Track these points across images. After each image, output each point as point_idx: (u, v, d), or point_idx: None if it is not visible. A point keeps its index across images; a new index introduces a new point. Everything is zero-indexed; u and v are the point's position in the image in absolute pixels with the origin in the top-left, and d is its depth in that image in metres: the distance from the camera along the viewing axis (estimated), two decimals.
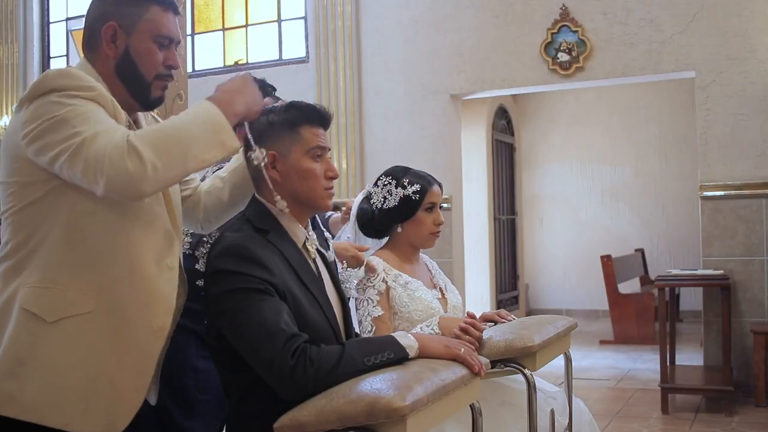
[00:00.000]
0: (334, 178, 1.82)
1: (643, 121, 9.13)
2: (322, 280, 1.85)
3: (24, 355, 1.55)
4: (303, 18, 6.86)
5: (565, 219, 9.54)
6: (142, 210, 1.65)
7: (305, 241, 1.84)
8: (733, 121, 5.23)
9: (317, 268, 1.85)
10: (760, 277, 5.12)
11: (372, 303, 2.24)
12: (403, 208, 2.34)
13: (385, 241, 2.44)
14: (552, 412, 2.11)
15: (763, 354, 4.78)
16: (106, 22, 1.68)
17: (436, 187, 2.39)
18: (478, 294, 7.99)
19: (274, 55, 7.02)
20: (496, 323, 2.21)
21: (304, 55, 6.82)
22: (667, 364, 4.90)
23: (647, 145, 9.13)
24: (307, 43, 6.78)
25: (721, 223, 5.22)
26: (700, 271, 5.13)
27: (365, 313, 2.24)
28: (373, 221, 2.39)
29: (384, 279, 2.27)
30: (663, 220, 9.10)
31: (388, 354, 1.63)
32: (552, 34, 5.76)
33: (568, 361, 2.39)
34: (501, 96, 8.09)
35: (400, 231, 2.37)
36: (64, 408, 1.56)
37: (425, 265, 2.49)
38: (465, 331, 2.01)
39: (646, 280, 8.60)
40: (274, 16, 7.06)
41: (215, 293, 1.66)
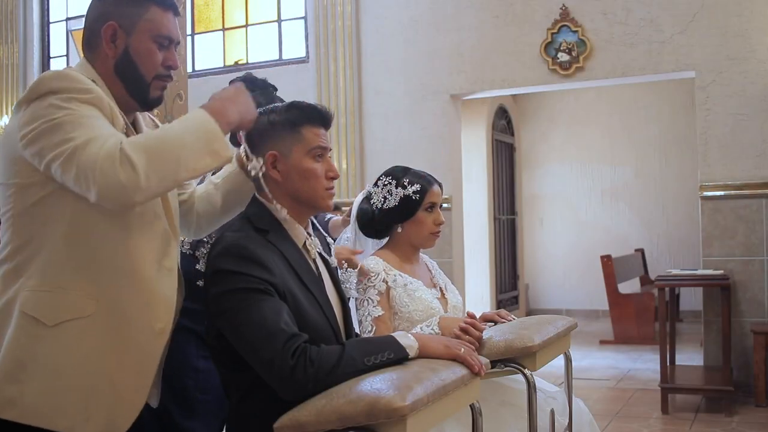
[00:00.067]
0: (334, 178, 1.82)
1: (643, 121, 9.13)
2: (322, 280, 1.85)
3: (25, 359, 1.55)
4: (303, 18, 6.86)
5: (565, 219, 9.54)
6: (142, 212, 1.65)
7: (305, 241, 1.84)
8: (733, 121, 5.23)
9: (317, 268, 1.85)
10: (760, 277, 5.12)
11: (372, 303, 2.24)
12: (404, 208, 2.34)
13: (385, 241, 2.44)
14: (552, 412, 2.11)
15: (763, 354, 4.78)
16: (106, 21, 1.69)
17: (436, 187, 2.39)
18: (478, 294, 7.99)
19: (274, 55, 7.02)
20: (496, 323, 2.21)
21: (304, 55, 6.82)
22: (667, 364, 4.90)
23: (647, 145, 9.13)
24: (307, 43, 6.78)
25: (721, 223, 5.22)
26: (700, 271, 5.13)
27: (365, 313, 2.24)
28: (374, 221, 2.39)
29: (384, 279, 2.27)
30: (663, 220, 9.10)
31: (388, 354, 1.63)
32: (552, 34, 5.76)
33: (568, 361, 2.38)
34: (501, 96, 8.09)
35: (401, 231, 2.37)
36: (65, 411, 1.56)
37: (425, 265, 2.49)
38: (465, 331, 2.01)
39: (646, 280, 8.60)
40: (274, 16, 7.06)
41: (215, 293, 1.66)
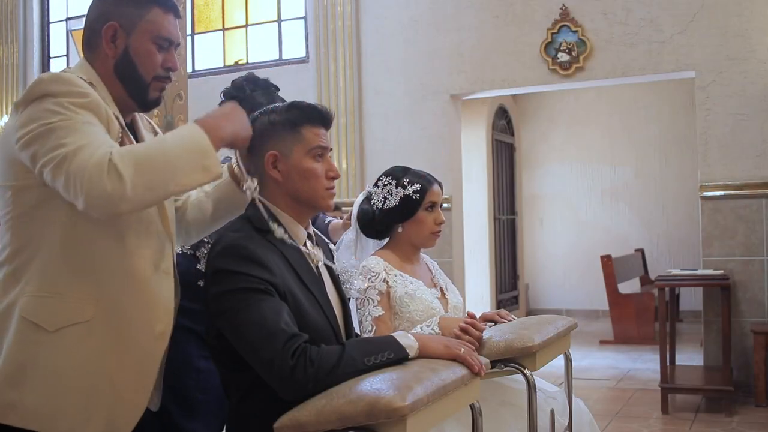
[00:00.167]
0: (335, 178, 1.82)
1: (643, 121, 9.13)
2: (322, 280, 1.85)
3: (25, 363, 1.55)
4: (303, 18, 6.87)
5: (565, 219, 9.55)
6: (139, 216, 1.65)
7: (306, 242, 1.84)
8: (733, 121, 5.23)
9: (317, 268, 1.85)
10: (760, 277, 5.12)
11: (372, 303, 2.24)
12: (404, 207, 2.34)
13: (386, 241, 2.44)
14: (552, 412, 2.11)
15: (763, 354, 4.79)
16: (106, 21, 1.69)
17: (436, 187, 2.39)
18: (478, 294, 7.99)
19: (274, 55, 7.02)
20: (496, 323, 2.21)
21: (304, 55, 6.82)
22: (667, 364, 4.90)
23: (647, 145, 9.13)
24: (307, 43, 6.78)
25: (721, 223, 5.22)
26: (700, 271, 5.13)
27: (366, 313, 2.24)
28: (374, 221, 2.39)
29: (385, 279, 2.27)
30: (663, 220, 9.10)
31: (388, 354, 1.63)
32: (552, 34, 5.76)
33: (568, 361, 2.38)
34: (501, 96, 8.09)
35: (401, 231, 2.37)
36: (66, 415, 1.56)
37: (426, 265, 2.49)
38: (465, 331, 2.01)
39: (646, 280, 8.60)
40: (274, 16, 7.06)
41: (215, 293, 1.66)
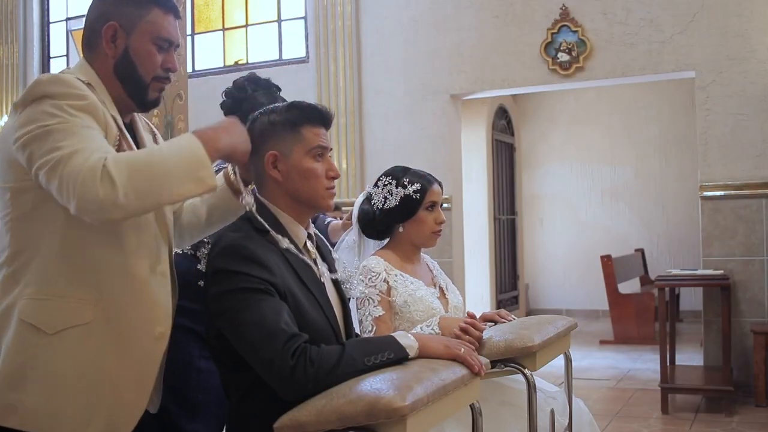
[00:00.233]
0: (335, 177, 1.82)
1: (643, 121, 9.13)
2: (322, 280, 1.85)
3: (25, 366, 1.55)
4: (303, 18, 6.87)
5: (565, 219, 9.55)
6: (136, 219, 1.64)
7: (306, 242, 1.84)
8: (733, 121, 5.23)
9: (317, 268, 1.85)
10: (760, 277, 5.12)
11: (373, 303, 2.24)
12: (404, 207, 2.34)
13: (386, 241, 2.44)
14: (552, 412, 2.11)
15: (763, 354, 4.79)
16: (107, 21, 1.69)
17: (436, 186, 2.39)
18: (478, 294, 7.99)
19: (274, 55, 7.02)
20: (496, 323, 2.21)
21: (304, 55, 6.82)
22: (667, 364, 4.90)
23: (647, 145, 9.13)
24: (307, 43, 6.78)
25: (721, 223, 5.22)
26: (700, 271, 5.13)
27: (366, 313, 2.24)
28: (375, 221, 2.39)
29: (385, 279, 2.27)
30: (663, 220, 9.10)
31: (388, 354, 1.63)
32: (552, 34, 5.76)
33: (568, 361, 2.38)
34: (501, 96, 8.09)
35: (402, 231, 2.37)
36: (66, 417, 1.56)
37: (426, 264, 2.49)
38: (465, 331, 2.01)
39: (646, 280, 8.60)
40: (274, 16, 7.06)
41: (215, 293, 1.66)
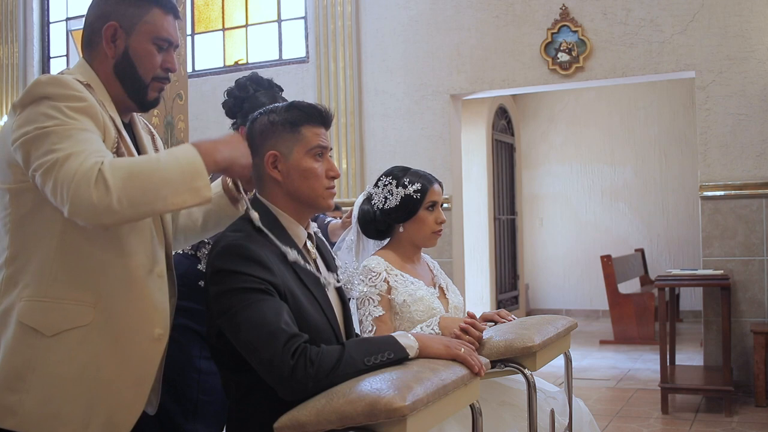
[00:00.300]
0: (335, 177, 1.81)
1: (643, 121, 9.14)
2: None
3: (24, 368, 1.55)
4: (303, 18, 6.87)
5: (565, 219, 9.55)
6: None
7: (306, 242, 1.84)
8: (733, 121, 5.24)
9: (317, 269, 1.85)
10: (760, 277, 5.12)
11: (373, 303, 2.24)
12: (405, 207, 2.34)
13: (386, 241, 2.44)
14: (552, 412, 2.11)
15: (763, 354, 4.79)
16: (107, 21, 1.69)
17: (436, 186, 2.39)
18: (478, 294, 7.99)
19: (274, 55, 7.02)
20: (496, 323, 2.21)
21: (304, 55, 6.82)
22: (667, 364, 4.90)
23: (647, 145, 9.13)
24: (307, 43, 6.79)
25: (721, 223, 5.22)
26: (700, 271, 5.13)
27: (366, 313, 2.24)
28: (375, 221, 2.39)
29: (385, 279, 2.27)
30: (663, 220, 9.11)
31: (388, 354, 1.63)
32: (552, 34, 5.76)
33: (568, 361, 2.38)
34: (501, 96, 8.09)
35: (402, 231, 2.37)
36: (64, 419, 1.56)
37: (427, 264, 2.49)
38: (465, 331, 2.01)
39: (646, 280, 8.60)
40: (274, 16, 7.06)
41: (215, 292, 1.65)
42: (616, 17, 5.60)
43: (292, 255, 1.72)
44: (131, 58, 1.70)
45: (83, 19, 1.77)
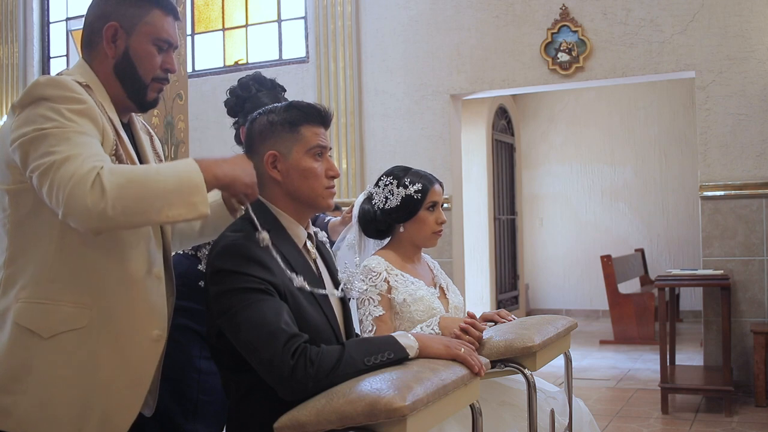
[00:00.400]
0: (335, 177, 1.82)
1: (643, 121, 9.14)
2: (323, 280, 1.85)
3: (20, 370, 1.55)
4: (303, 18, 6.87)
5: (565, 219, 9.55)
6: None
7: (306, 242, 1.84)
8: (733, 121, 5.24)
9: (317, 268, 1.85)
10: (760, 277, 5.12)
11: (373, 302, 2.24)
12: (405, 207, 2.34)
13: (386, 241, 2.44)
14: (552, 412, 2.11)
15: (763, 354, 4.79)
16: (107, 21, 1.70)
17: (437, 186, 2.39)
18: (478, 294, 7.99)
19: (274, 55, 7.02)
20: (496, 323, 2.21)
21: (304, 55, 6.82)
22: (667, 364, 4.90)
23: (647, 145, 9.13)
24: (307, 43, 6.79)
25: (721, 223, 5.22)
26: (700, 271, 5.13)
27: (366, 313, 2.24)
28: (375, 221, 2.39)
29: (386, 278, 2.27)
30: (663, 220, 9.11)
31: (388, 354, 1.63)
32: (552, 34, 5.76)
33: (568, 361, 2.38)
34: (501, 96, 8.09)
35: (402, 231, 2.37)
36: (60, 422, 1.56)
37: (427, 264, 2.49)
38: (465, 331, 2.01)
39: (646, 280, 8.60)
40: (274, 16, 7.06)
41: (215, 292, 1.65)
42: (616, 17, 5.60)
43: (298, 281, 1.70)
44: (131, 59, 1.70)
45: (83, 19, 1.78)
